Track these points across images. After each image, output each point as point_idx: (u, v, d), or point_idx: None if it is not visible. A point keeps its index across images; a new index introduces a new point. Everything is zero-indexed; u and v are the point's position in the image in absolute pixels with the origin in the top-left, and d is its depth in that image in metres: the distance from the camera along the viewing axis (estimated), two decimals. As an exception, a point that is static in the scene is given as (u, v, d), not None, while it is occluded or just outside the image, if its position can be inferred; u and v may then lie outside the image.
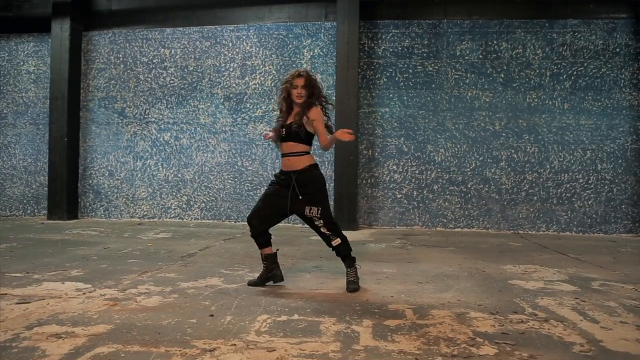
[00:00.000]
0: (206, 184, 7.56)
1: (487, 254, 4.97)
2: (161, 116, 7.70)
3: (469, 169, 7.11)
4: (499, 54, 7.11)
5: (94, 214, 7.83)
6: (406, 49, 7.23)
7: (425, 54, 7.20)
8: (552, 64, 7.03)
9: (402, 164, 7.20)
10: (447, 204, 7.14)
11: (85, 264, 4.09)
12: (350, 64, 6.89)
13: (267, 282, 3.41)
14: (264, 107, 7.42)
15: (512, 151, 7.06)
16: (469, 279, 3.68)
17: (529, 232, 6.95)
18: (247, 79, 7.50)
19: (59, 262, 4.17)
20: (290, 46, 7.41)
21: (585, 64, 6.97)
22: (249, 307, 2.81)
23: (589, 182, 6.94)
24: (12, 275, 3.62)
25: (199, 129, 7.60)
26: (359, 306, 2.86)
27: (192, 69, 7.63)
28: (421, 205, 7.17)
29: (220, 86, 7.55)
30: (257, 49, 7.48)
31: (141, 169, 7.74)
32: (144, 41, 7.75)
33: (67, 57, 7.51)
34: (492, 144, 7.09)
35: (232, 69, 7.54)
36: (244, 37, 7.53)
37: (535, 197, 7.02)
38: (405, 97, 7.21)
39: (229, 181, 7.51)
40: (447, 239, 6.07)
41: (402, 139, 7.20)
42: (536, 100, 7.04)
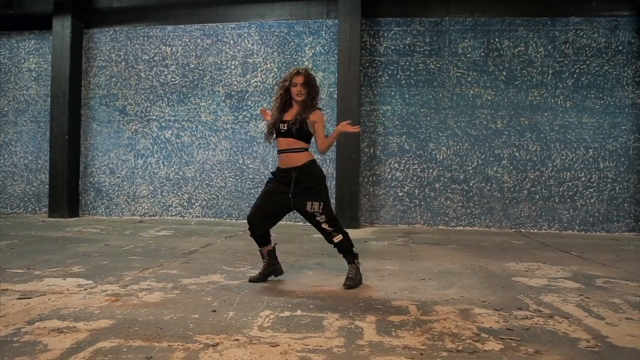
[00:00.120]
0: (207, 182, 7.55)
1: (490, 251, 4.95)
2: (162, 114, 7.68)
3: (470, 167, 7.09)
4: (501, 52, 7.09)
5: (95, 211, 7.82)
6: (408, 47, 7.21)
7: (427, 52, 7.18)
8: (554, 62, 7.01)
9: (403, 162, 7.18)
10: (448, 202, 7.12)
11: (86, 261, 4.07)
12: (351, 62, 6.87)
13: (269, 276, 3.40)
14: (265, 105, 7.38)
15: (514, 149, 7.04)
16: (472, 276, 3.66)
17: (531, 230, 6.93)
18: (248, 76, 7.48)
19: (60, 258, 4.15)
20: (291, 44, 7.39)
21: (587, 62, 6.95)
22: (251, 303, 2.79)
23: (591, 180, 6.92)
24: (13, 271, 3.60)
25: (200, 126, 7.58)
26: (362, 302, 2.84)
27: (193, 66, 7.61)
28: (423, 203, 7.15)
29: (221, 84, 7.54)
30: (259, 47, 7.47)
31: (142, 166, 7.72)
32: (145, 39, 7.74)
33: (68, 55, 7.50)
34: (494, 142, 7.07)
35: (233, 67, 7.52)
36: (246, 35, 7.51)
37: (537, 196, 6.99)
38: (407, 95, 7.19)
39: (230, 179, 7.49)
40: (449, 237, 6.05)
41: (404, 136, 7.18)
42: (538, 98, 7.02)
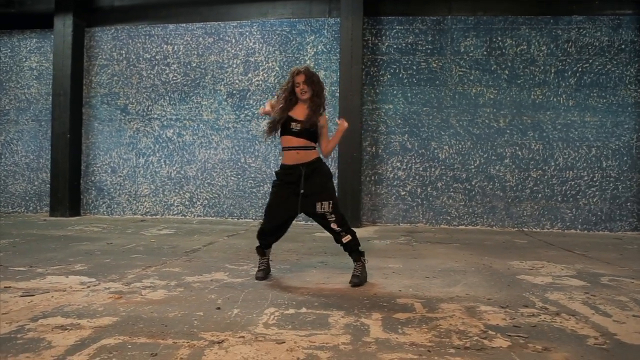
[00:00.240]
0: (209, 181, 7.53)
1: (493, 250, 4.93)
2: (164, 113, 7.66)
3: (473, 166, 7.07)
4: (504, 51, 7.07)
5: (96, 210, 7.80)
6: (410, 46, 7.19)
7: (429, 51, 7.17)
8: (557, 61, 6.99)
9: (406, 161, 7.16)
10: (451, 201, 7.10)
11: (88, 259, 4.05)
12: (353, 61, 6.85)
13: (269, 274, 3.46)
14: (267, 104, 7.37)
15: (517, 148, 7.02)
16: (477, 274, 3.64)
17: (534, 229, 6.91)
18: (250, 75, 7.46)
19: (63, 256, 4.14)
20: (293, 42, 7.37)
21: (590, 61, 6.93)
22: (255, 301, 2.77)
23: (594, 179, 6.90)
24: (15, 269, 3.58)
25: (201, 125, 7.57)
26: (367, 300, 2.82)
27: (195, 65, 7.60)
28: (425, 202, 7.13)
29: (223, 83, 7.52)
30: (261, 46, 7.45)
31: (144, 165, 7.71)
32: (147, 37, 7.72)
33: (69, 54, 7.48)
34: (496, 141, 7.05)
35: (235, 66, 7.50)
36: (247, 34, 7.49)
37: (539, 195, 6.98)
38: (409, 94, 7.17)
39: (232, 178, 7.48)
40: (451, 236, 6.03)
41: (406, 135, 7.16)
42: (541, 97, 7.00)
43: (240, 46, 7.51)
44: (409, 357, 1.92)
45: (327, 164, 3.40)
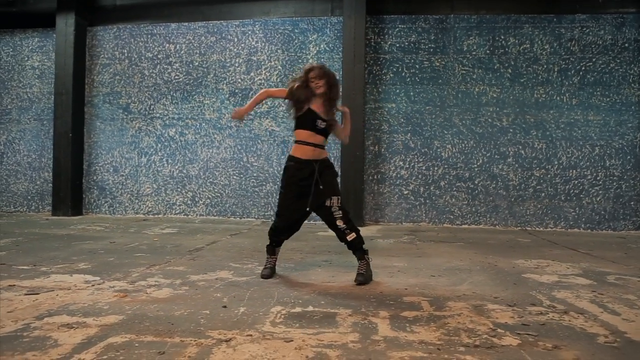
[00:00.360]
0: (211, 180, 7.52)
1: (497, 249, 4.92)
2: (166, 112, 7.65)
3: (476, 165, 7.06)
4: (507, 49, 7.05)
5: (98, 210, 7.79)
6: (413, 44, 7.18)
7: (432, 49, 7.15)
8: (560, 59, 6.97)
9: (408, 160, 7.14)
10: (454, 200, 7.09)
11: (92, 258, 4.04)
12: (356, 59, 6.84)
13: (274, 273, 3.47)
14: (269, 103, 7.37)
15: (520, 147, 7.00)
16: (482, 273, 3.63)
17: (537, 228, 6.89)
18: (252, 74, 7.45)
19: (66, 255, 4.12)
20: (296, 41, 7.36)
21: (593, 59, 6.91)
22: (261, 299, 2.76)
23: (598, 178, 6.88)
24: (19, 267, 3.57)
25: (204, 124, 7.55)
26: (373, 298, 2.81)
27: (197, 64, 7.58)
28: (428, 201, 7.11)
29: (225, 81, 7.51)
30: (263, 44, 7.43)
31: (146, 164, 7.69)
32: (149, 36, 7.71)
33: (71, 53, 7.47)
34: (499, 139, 7.03)
35: (237, 64, 7.49)
36: (250, 32, 7.48)
37: (543, 194, 6.96)
38: (411, 93, 7.16)
39: (235, 177, 7.46)
40: (454, 235, 6.02)
41: (409, 134, 7.15)
42: (544, 95, 6.99)
43: (242, 45, 7.49)
44: (419, 355, 1.90)
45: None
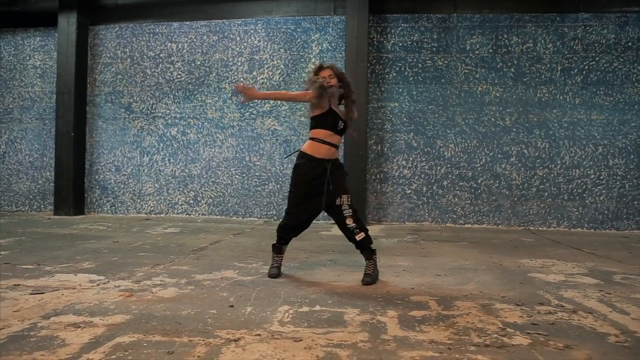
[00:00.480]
0: (214, 180, 7.50)
1: (501, 248, 4.90)
2: (168, 111, 7.64)
3: (479, 165, 7.04)
4: (510, 49, 7.04)
5: (100, 209, 7.77)
6: (415, 43, 7.16)
7: (434, 49, 7.13)
8: (563, 59, 6.96)
9: (411, 159, 7.13)
10: (456, 199, 7.07)
11: (96, 257, 4.03)
12: (359, 59, 6.83)
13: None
14: (271, 102, 7.35)
15: (523, 146, 6.99)
16: (488, 272, 3.61)
17: (540, 228, 6.88)
18: (255, 73, 7.43)
19: (70, 254, 4.11)
20: (298, 40, 7.34)
21: (596, 59, 6.89)
22: (268, 299, 2.75)
23: (601, 177, 6.87)
24: (23, 267, 3.56)
25: (206, 123, 7.54)
26: (380, 298, 2.79)
27: (199, 63, 7.57)
28: (431, 201, 7.10)
29: (227, 81, 7.49)
30: (265, 43, 7.42)
31: (148, 164, 7.68)
32: (151, 35, 7.69)
33: (73, 52, 7.45)
34: (502, 139, 7.02)
35: (239, 64, 7.47)
36: (252, 31, 7.46)
37: (546, 193, 6.94)
38: (414, 92, 7.14)
39: (237, 176, 7.45)
40: (458, 235, 6.00)
41: (412, 134, 7.13)
42: (547, 95, 6.97)
43: (244, 44, 7.47)
44: (429, 355, 1.89)
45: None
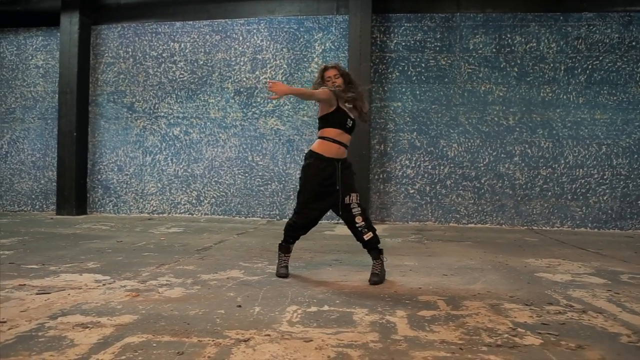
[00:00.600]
0: (216, 179, 7.49)
1: (506, 248, 4.89)
2: (171, 111, 7.62)
3: (482, 164, 7.03)
4: (513, 48, 7.02)
5: (102, 209, 7.76)
6: (419, 43, 7.14)
7: (438, 48, 7.12)
8: (566, 58, 6.94)
9: (414, 159, 7.11)
10: (460, 199, 7.06)
11: (100, 257, 4.01)
12: (362, 58, 6.81)
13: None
14: (274, 102, 7.34)
15: (526, 146, 6.97)
16: (495, 272, 3.60)
17: (543, 228, 6.86)
18: (257, 73, 7.42)
19: (74, 254, 4.10)
20: (301, 40, 7.33)
21: (600, 58, 6.88)
22: (275, 299, 2.73)
23: (604, 177, 6.85)
24: (27, 267, 3.55)
25: (209, 123, 7.52)
26: (388, 297, 2.78)
27: (202, 63, 7.56)
28: (434, 200, 7.08)
29: (230, 80, 7.48)
30: (268, 43, 7.40)
31: (150, 164, 7.66)
32: (154, 35, 7.68)
33: (76, 51, 7.44)
34: (505, 138, 7.00)
35: (242, 63, 7.46)
36: (255, 31, 7.45)
37: (549, 193, 6.93)
38: (417, 92, 7.13)
39: (240, 176, 7.43)
40: (461, 234, 5.99)
41: (415, 133, 7.12)
42: (550, 94, 6.96)
43: (247, 44, 7.46)
44: (441, 355, 1.88)
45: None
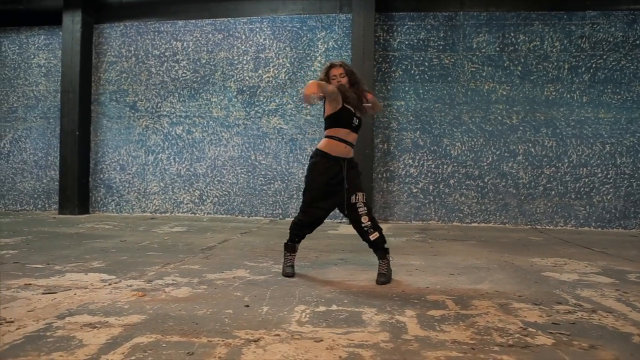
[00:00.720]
0: (219, 178, 7.48)
1: (511, 247, 4.87)
2: (173, 110, 7.61)
3: (485, 163, 7.01)
4: (516, 47, 7.01)
5: (105, 208, 7.75)
6: (422, 42, 7.13)
7: (441, 47, 7.10)
8: (570, 57, 6.92)
9: (417, 158, 7.10)
10: (463, 198, 7.04)
11: (105, 256, 4.00)
12: (365, 57, 6.80)
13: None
14: (277, 101, 7.33)
15: (530, 145, 6.96)
16: (501, 271, 3.59)
17: (547, 227, 6.85)
18: (260, 72, 7.40)
19: (78, 254, 4.09)
20: (304, 39, 7.31)
21: (604, 57, 6.86)
22: (283, 298, 2.72)
23: (608, 176, 6.84)
24: (32, 266, 3.53)
25: (211, 122, 7.51)
26: (396, 297, 2.77)
27: (204, 61, 7.54)
28: (437, 199, 7.07)
29: (233, 79, 7.46)
30: (271, 42, 7.39)
31: (153, 163, 7.65)
32: (156, 34, 7.66)
33: (78, 50, 7.43)
34: (509, 137, 6.99)
35: (245, 62, 7.44)
36: (257, 30, 7.43)
37: (553, 192, 6.91)
38: (421, 90, 7.11)
39: (242, 175, 7.42)
40: (465, 234, 5.98)
41: (418, 132, 7.10)
42: (554, 93, 6.94)
43: (250, 42, 7.44)
44: (454, 355, 1.86)
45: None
